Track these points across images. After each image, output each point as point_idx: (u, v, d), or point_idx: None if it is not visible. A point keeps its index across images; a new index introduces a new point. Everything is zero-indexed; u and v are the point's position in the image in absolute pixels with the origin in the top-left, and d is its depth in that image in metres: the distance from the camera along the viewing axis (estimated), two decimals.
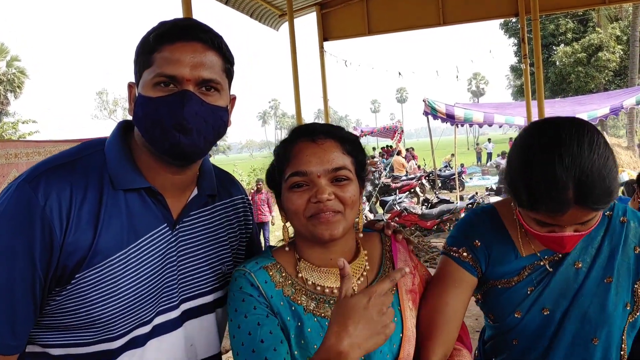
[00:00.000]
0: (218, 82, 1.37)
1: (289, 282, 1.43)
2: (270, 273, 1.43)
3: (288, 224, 1.49)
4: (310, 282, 1.44)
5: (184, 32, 1.33)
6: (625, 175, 14.86)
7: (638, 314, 1.51)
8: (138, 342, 1.38)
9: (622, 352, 1.51)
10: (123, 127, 1.46)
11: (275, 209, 11.10)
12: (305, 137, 1.44)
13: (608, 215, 1.55)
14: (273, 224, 12.47)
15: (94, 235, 1.29)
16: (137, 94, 1.36)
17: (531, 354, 1.52)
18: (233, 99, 1.49)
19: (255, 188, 12.44)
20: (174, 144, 1.31)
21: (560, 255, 1.53)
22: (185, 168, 1.43)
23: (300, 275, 1.45)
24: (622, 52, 33.20)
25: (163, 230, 1.41)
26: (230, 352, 1.40)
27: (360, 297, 1.16)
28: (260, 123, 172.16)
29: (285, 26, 9.18)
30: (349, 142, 1.47)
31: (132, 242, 1.35)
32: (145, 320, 1.38)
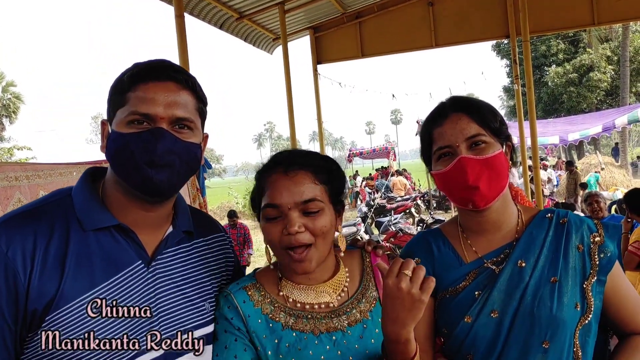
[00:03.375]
0: (191, 121, 1.40)
1: (268, 300, 1.53)
2: (249, 293, 1.54)
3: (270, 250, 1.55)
4: (291, 300, 1.54)
5: (158, 72, 1.37)
6: (619, 193, 14.95)
7: (590, 317, 1.51)
8: None
9: (574, 357, 1.50)
10: (90, 174, 1.49)
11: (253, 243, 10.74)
12: (279, 167, 1.51)
13: (549, 217, 1.62)
14: (248, 264, 10.00)
15: (60, 278, 1.29)
16: (110, 131, 1.38)
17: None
18: (206, 137, 1.52)
19: (230, 223, 10.15)
20: (147, 179, 1.33)
21: (502, 256, 1.59)
22: (158, 204, 1.45)
23: (281, 293, 1.55)
24: (613, 72, 33.60)
25: (137, 268, 1.41)
26: None
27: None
28: (256, 146, 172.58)
29: (279, 49, 9.27)
30: (324, 171, 1.54)
31: (103, 281, 1.35)
32: (120, 353, 1.35)
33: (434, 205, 18.85)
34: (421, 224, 13.77)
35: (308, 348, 1.45)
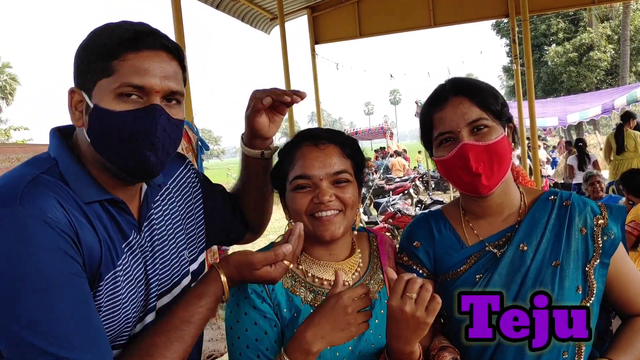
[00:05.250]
0: (182, 94, 1.32)
1: (289, 274, 1.54)
2: None
3: (291, 221, 1.58)
4: (310, 274, 1.56)
5: (149, 39, 1.25)
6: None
7: (592, 299, 1.51)
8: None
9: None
10: (63, 136, 1.34)
11: None
12: (308, 141, 1.55)
13: (552, 200, 1.60)
14: None
15: (100, 247, 1.22)
16: (91, 105, 1.24)
17: (487, 349, 1.52)
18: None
19: None
20: (144, 161, 1.24)
21: (504, 239, 1.58)
22: (136, 184, 1.36)
23: (301, 267, 1.58)
24: (613, 52, 33.39)
25: (133, 238, 1.34)
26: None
27: (331, 298, 1.34)
28: None
29: (276, 29, 9.18)
30: (349, 146, 1.59)
31: (120, 257, 1.28)
32: (130, 327, 1.32)
33: (433, 186, 18.86)
34: (420, 205, 13.78)
35: None
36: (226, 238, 1.79)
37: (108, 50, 1.22)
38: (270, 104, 1.53)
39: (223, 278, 1.33)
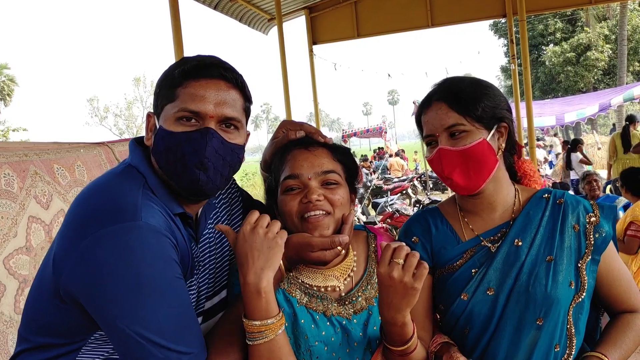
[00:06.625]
0: (239, 121, 1.41)
1: (285, 277, 1.53)
2: None
3: None
4: (300, 280, 1.55)
5: (209, 69, 1.37)
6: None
7: (584, 295, 1.55)
8: None
9: (568, 334, 1.54)
10: (143, 150, 1.46)
11: None
12: (299, 146, 1.57)
13: (546, 198, 1.64)
14: None
15: (188, 254, 1.39)
16: (157, 126, 1.38)
17: (482, 341, 1.56)
18: (247, 135, 1.53)
19: None
20: (194, 180, 1.34)
21: (499, 235, 1.62)
22: (200, 202, 1.48)
23: (292, 273, 1.56)
24: (610, 51, 33.43)
25: (194, 250, 1.46)
26: None
27: (237, 238, 1.35)
28: (253, 127, 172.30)
29: (274, 30, 9.19)
30: (340, 151, 1.60)
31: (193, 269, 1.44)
32: None
33: (431, 186, 18.87)
34: (418, 205, 13.79)
35: (321, 328, 1.49)
36: None
37: (174, 80, 1.36)
38: (302, 137, 1.63)
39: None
